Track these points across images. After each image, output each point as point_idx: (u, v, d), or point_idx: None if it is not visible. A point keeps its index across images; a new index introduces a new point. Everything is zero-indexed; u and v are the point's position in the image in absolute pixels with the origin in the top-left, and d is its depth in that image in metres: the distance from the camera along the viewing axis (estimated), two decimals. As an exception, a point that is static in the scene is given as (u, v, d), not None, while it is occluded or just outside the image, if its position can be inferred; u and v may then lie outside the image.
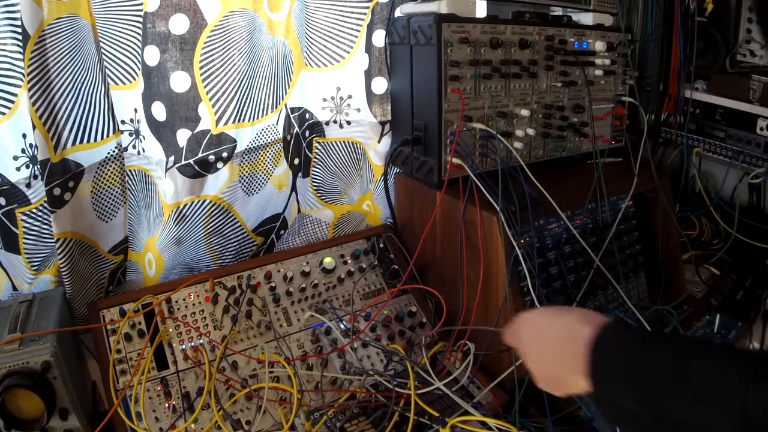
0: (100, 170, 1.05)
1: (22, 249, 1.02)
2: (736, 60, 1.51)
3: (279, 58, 1.16)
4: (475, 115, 1.16)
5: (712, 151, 1.57)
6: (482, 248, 1.05)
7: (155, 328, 0.98)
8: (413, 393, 0.94)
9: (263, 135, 1.20)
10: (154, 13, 1.01)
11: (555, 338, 0.65)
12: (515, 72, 1.19)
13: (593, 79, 1.36)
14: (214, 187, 1.15)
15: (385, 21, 1.25)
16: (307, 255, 1.20)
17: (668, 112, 1.65)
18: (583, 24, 1.37)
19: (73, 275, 1.01)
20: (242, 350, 1.03)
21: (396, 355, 1.06)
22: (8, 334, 0.84)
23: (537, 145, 1.30)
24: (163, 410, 0.92)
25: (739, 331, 1.22)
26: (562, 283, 1.12)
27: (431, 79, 1.10)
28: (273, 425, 0.93)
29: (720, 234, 1.55)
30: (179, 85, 1.06)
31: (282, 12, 1.14)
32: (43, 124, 0.92)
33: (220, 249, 1.21)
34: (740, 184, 1.56)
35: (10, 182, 0.98)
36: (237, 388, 0.97)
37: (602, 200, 1.20)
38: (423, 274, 1.25)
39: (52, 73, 0.92)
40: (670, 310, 1.21)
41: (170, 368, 0.97)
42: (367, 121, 1.33)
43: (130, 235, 1.14)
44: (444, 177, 1.13)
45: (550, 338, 0.66)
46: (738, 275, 1.41)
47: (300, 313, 1.12)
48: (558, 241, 1.15)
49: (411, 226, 1.30)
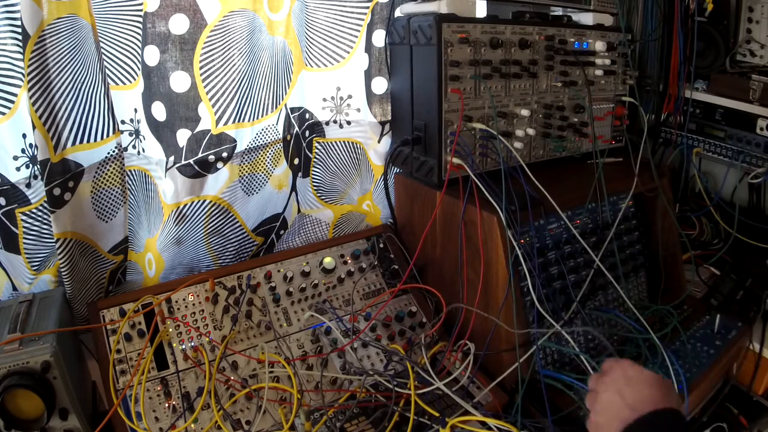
0: (100, 170, 1.05)
1: (22, 249, 1.02)
2: (736, 60, 1.51)
3: (279, 58, 1.16)
4: (475, 115, 1.16)
5: (712, 151, 1.57)
6: (482, 248, 1.05)
7: (155, 328, 0.98)
8: (413, 393, 0.94)
9: (263, 135, 1.20)
10: (154, 13, 1.01)
11: (612, 410, 0.70)
12: (515, 72, 1.19)
13: (593, 79, 1.36)
14: (214, 187, 1.15)
15: (385, 21, 1.25)
16: (307, 255, 1.20)
17: (668, 112, 1.65)
18: (583, 24, 1.37)
19: (73, 275, 1.01)
20: (242, 350, 1.03)
21: (396, 355, 1.06)
22: (8, 334, 0.84)
23: (537, 145, 1.30)
24: (163, 410, 0.92)
25: (739, 331, 1.22)
26: (562, 283, 1.12)
27: (431, 79, 1.10)
28: (273, 425, 0.93)
29: (720, 234, 1.55)
30: (179, 85, 1.06)
31: (282, 12, 1.14)
32: (43, 124, 0.92)
33: (220, 249, 1.21)
34: (740, 184, 1.56)
35: (10, 182, 0.98)
36: (237, 388, 0.97)
37: (602, 200, 1.20)
38: (423, 274, 1.25)
39: (52, 73, 0.92)
40: (670, 310, 1.21)
41: (170, 368, 0.97)
42: (367, 121, 1.33)
43: (130, 235, 1.14)
44: (444, 177, 1.13)
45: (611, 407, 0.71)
46: (738, 275, 1.41)
47: (300, 313, 1.12)
48: (558, 241, 1.15)
49: (411, 226, 1.30)
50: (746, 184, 1.54)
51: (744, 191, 1.57)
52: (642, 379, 0.71)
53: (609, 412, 0.71)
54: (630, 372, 0.73)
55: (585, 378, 0.98)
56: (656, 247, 1.35)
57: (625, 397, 0.70)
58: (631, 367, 0.74)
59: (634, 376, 0.72)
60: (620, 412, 0.68)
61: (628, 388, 0.70)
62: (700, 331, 1.22)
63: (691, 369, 1.09)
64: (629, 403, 0.68)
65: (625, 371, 0.73)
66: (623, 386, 0.71)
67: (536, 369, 1.02)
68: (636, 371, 0.73)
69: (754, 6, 1.45)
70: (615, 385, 0.72)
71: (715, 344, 1.17)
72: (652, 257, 1.35)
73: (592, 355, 1.10)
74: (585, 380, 0.98)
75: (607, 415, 0.71)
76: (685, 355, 1.12)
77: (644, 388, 0.70)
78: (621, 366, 0.75)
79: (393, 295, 1.17)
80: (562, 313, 1.09)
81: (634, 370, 0.73)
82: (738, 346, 1.20)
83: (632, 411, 0.67)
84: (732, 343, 1.18)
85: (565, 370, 1.05)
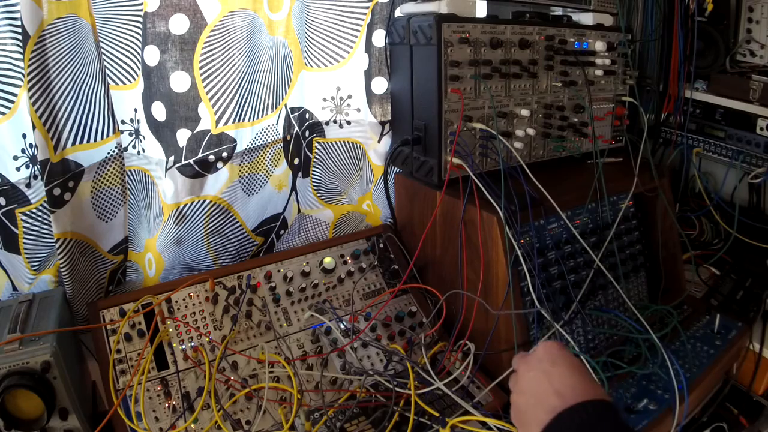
0: (100, 170, 1.05)
1: (22, 249, 1.02)
2: (736, 60, 1.51)
3: (279, 58, 1.16)
4: (475, 115, 1.16)
5: (712, 151, 1.57)
6: (482, 248, 1.05)
7: (155, 328, 0.98)
8: (413, 393, 0.94)
9: (263, 135, 1.20)
10: (154, 13, 1.01)
11: (536, 393, 0.66)
12: (515, 72, 1.19)
13: (593, 79, 1.36)
14: (214, 187, 1.15)
15: (385, 21, 1.25)
16: (307, 255, 1.20)
17: (668, 112, 1.65)
18: (583, 24, 1.37)
19: (73, 275, 1.01)
20: (242, 350, 1.03)
21: (396, 355, 1.06)
22: (8, 334, 0.84)
23: (537, 145, 1.30)
24: (163, 410, 0.92)
25: (739, 331, 1.22)
26: (562, 283, 1.12)
27: (431, 79, 1.10)
28: (273, 425, 0.93)
29: (720, 234, 1.55)
30: (179, 85, 1.06)
31: (282, 12, 1.14)
32: (43, 124, 0.92)
33: (220, 249, 1.21)
34: (740, 184, 1.56)
35: (10, 182, 0.98)
36: (237, 388, 0.97)
37: (602, 200, 1.20)
38: (423, 274, 1.25)
39: (52, 73, 0.92)
40: (670, 310, 1.21)
41: (170, 368, 0.97)
42: (367, 121, 1.33)
43: (130, 235, 1.14)
44: (444, 177, 1.13)
45: (535, 390, 0.66)
46: (738, 275, 1.41)
47: (300, 313, 1.12)
48: (558, 241, 1.15)
49: (411, 226, 1.30)
50: (746, 184, 1.55)
51: (744, 191, 1.57)
52: (569, 363, 0.67)
53: (533, 394, 0.66)
54: (555, 352, 0.69)
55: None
56: (656, 247, 1.35)
57: (552, 379, 0.65)
58: (558, 349, 0.70)
59: (560, 357, 0.68)
60: (547, 397, 0.63)
61: (555, 369, 0.66)
62: (700, 331, 1.22)
63: (691, 369, 1.09)
64: (556, 389, 0.63)
65: (551, 351, 0.69)
66: (549, 367, 0.67)
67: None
68: (562, 354, 0.69)
69: (754, 6, 1.45)
70: (540, 365, 0.68)
71: (715, 344, 1.17)
72: (652, 257, 1.35)
73: (592, 355, 1.10)
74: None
75: (532, 398, 0.66)
76: (685, 355, 1.12)
77: (573, 374, 0.66)
78: (546, 346, 0.71)
79: (393, 295, 1.17)
80: (562, 313, 1.09)
81: (560, 352, 0.69)
82: (738, 346, 1.20)
83: (560, 398, 0.62)
84: (732, 343, 1.18)
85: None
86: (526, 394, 0.68)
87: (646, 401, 0.99)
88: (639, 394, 1.02)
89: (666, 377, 1.01)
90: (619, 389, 1.03)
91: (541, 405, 0.63)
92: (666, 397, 1.00)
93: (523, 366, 0.71)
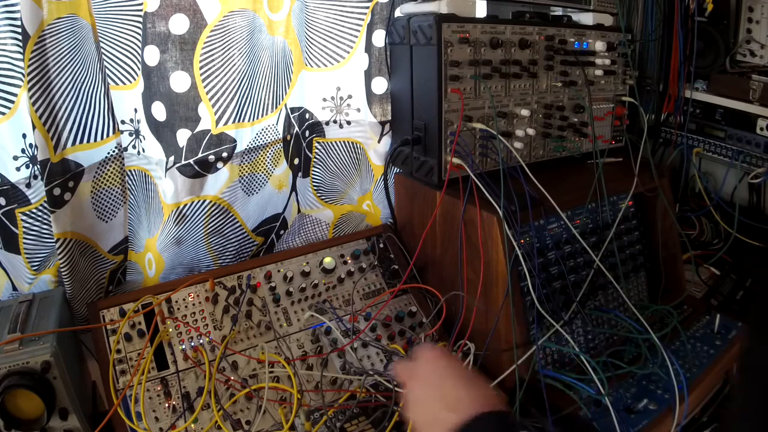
0: (100, 170, 1.05)
1: (22, 249, 1.02)
2: (736, 60, 1.51)
3: (279, 58, 1.16)
4: (475, 115, 1.16)
5: (712, 151, 1.57)
6: (482, 248, 1.05)
7: (155, 328, 0.98)
8: (413, 393, 0.94)
9: (263, 135, 1.20)
10: (154, 13, 1.01)
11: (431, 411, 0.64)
12: (515, 72, 1.19)
13: (593, 79, 1.36)
14: (214, 187, 1.15)
15: (385, 21, 1.25)
16: (307, 255, 1.20)
17: (668, 112, 1.65)
18: (583, 24, 1.37)
19: (73, 275, 1.01)
20: (242, 350, 1.03)
21: (396, 355, 1.06)
22: (8, 334, 0.84)
23: (537, 145, 1.30)
24: (163, 410, 0.92)
25: (739, 331, 1.22)
26: (562, 283, 1.12)
27: (431, 79, 1.10)
28: (273, 425, 0.93)
29: (720, 234, 1.56)
30: (179, 85, 1.06)
31: (282, 12, 1.14)
32: (43, 124, 0.92)
33: (220, 249, 1.21)
34: (740, 184, 1.56)
35: (10, 182, 0.98)
36: (237, 388, 0.97)
37: (602, 200, 1.20)
38: (423, 274, 1.25)
39: (52, 73, 0.92)
40: (670, 310, 1.21)
41: (170, 368, 0.97)
42: (367, 121, 1.33)
43: (130, 235, 1.14)
44: (444, 177, 1.13)
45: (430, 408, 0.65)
46: (738, 275, 1.41)
47: (300, 313, 1.12)
48: (558, 241, 1.15)
49: (411, 226, 1.30)
50: (746, 184, 1.55)
51: (744, 191, 1.57)
52: (457, 374, 0.66)
53: (427, 412, 0.65)
54: (442, 363, 0.68)
55: (585, 378, 0.98)
56: (656, 247, 1.35)
57: (444, 395, 0.64)
58: (442, 359, 0.69)
59: (447, 368, 0.67)
60: (442, 415, 0.62)
61: (445, 383, 0.65)
62: (700, 331, 1.22)
63: (691, 369, 1.09)
64: (449, 404, 0.63)
65: (436, 363, 0.68)
66: (438, 381, 0.66)
67: (536, 369, 1.02)
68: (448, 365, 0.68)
69: (754, 6, 1.45)
70: (429, 380, 0.67)
71: (715, 344, 1.17)
72: (652, 257, 1.35)
73: (592, 355, 1.10)
74: (585, 380, 0.98)
75: (427, 416, 0.65)
76: (685, 355, 1.12)
77: (464, 385, 0.65)
78: (427, 359, 0.69)
79: (393, 295, 1.17)
80: (562, 313, 1.09)
81: (446, 362, 0.68)
82: (738, 346, 1.20)
83: (455, 414, 0.61)
84: (732, 343, 1.18)
85: (565, 370, 1.05)
86: (420, 414, 0.67)
87: (646, 401, 0.99)
88: (639, 394, 1.02)
89: (666, 377, 1.01)
90: (619, 389, 1.03)
91: (437, 423, 0.62)
92: (666, 397, 1.00)
93: (411, 382, 0.70)
